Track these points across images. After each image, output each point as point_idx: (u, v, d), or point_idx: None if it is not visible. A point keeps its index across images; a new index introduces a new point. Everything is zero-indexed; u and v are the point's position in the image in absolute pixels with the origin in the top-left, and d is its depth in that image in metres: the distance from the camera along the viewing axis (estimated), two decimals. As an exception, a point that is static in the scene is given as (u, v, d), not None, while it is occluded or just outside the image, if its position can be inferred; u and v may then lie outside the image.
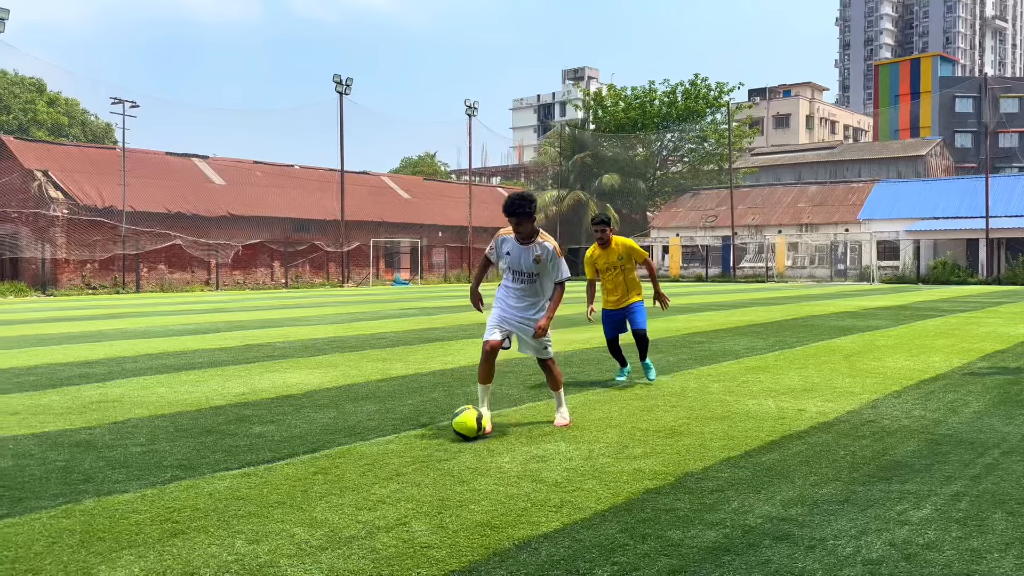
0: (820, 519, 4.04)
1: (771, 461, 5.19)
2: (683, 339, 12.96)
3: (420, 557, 3.56)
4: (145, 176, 41.52)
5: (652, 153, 63.18)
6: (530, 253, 6.11)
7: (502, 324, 6.20)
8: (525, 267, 6.15)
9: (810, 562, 3.47)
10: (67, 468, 5.14)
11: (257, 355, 11.22)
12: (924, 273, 43.76)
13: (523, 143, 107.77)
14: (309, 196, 48.08)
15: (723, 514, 4.12)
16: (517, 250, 6.15)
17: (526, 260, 6.12)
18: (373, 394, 7.91)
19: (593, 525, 3.97)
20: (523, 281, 6.20)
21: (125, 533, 3.90)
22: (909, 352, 10.94)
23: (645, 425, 6.31)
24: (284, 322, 17.52)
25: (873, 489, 4.55)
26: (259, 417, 6.77)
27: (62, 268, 37.64)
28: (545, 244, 6.14)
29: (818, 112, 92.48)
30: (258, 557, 3.57)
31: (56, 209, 37.40)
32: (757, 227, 52.37)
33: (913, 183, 52.65)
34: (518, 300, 6.22)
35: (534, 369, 9.61)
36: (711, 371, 9.30)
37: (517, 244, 6.14)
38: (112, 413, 7.00)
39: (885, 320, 16.55)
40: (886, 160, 66.43)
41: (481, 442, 5.77)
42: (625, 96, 63.19)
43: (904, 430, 6.07)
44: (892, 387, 8.03)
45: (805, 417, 6.58)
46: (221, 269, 42.43)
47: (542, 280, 6.22)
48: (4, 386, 8.60)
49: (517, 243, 6.14)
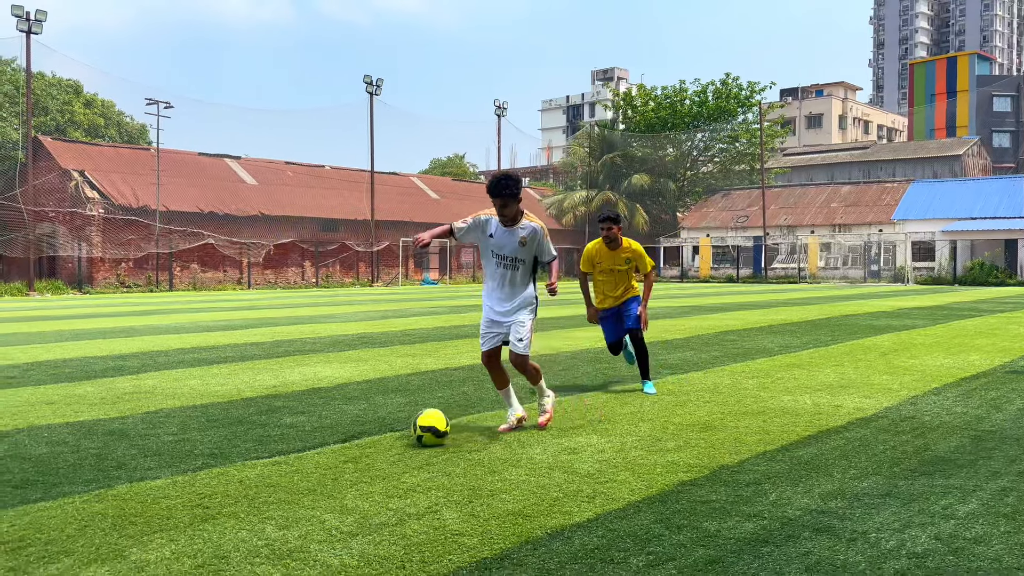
0: (861, 512, 3.92)
1: (808, 455, 5.07)
2: (715, 337, 12.81)
3: (451, 544, 3.51)
4: (178, 176, 42.04)
5: (682, 153, 62.70)
6: (515, 236, 5.74)
7: (492, 330, 5.86)
8: (509, 251, 5.76)
9: (852, 554, 3.37)
10: (100, 455, 5.16)
11: (287, 350, 11.26)
12: (960, 274, 42.97)
13: (552, 144, 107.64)
14: (339, 196, 48.39)
15: (760, 506, 4.02)
16: (502, 233, 5.76)
17: (511, 244, 5.74)
18: (403, 387, 7.88)
19: (627, 516, 3.89)
20: (506, 267, 5.79)
21: (156, 517, 3.89)
22: (948, 350, 10.70)
23: (678, 419, 6.22)
24: (314, 319, 17.60)
25: (915, 483, 4.42)
26: (289, 408, 6.77)
27: (98, 267, 38.20)
28: (532, 225, 5.78)
29: (851, 112, 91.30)
30: (288, 542, 3.53)
31: (92, 208, 37.98)
32: (789, 227, 51.79)
33: (949, 183, 51.76)
34: (500, 304, 5.83)
35: (563, 364, 9.54)
36: (744, 368, 9.16)
37: (502, 227, 5.76)
38: (144, 404, 7.04)
39: (922, 320, 16.25)
40: (921, 160, 65.38)
41: (511, 434, 5.71)
42: (655, 96, 62.77)
43: (945, 426, 5.91)
44: (931, 384, 7.85)
45: (842, 413, 6.44)
46: (253, 268, 42.83)
47: (526, 266, 5.84)
48: (40, 378, 8.70)
49: (502, 226, 5.76)
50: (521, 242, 5.74)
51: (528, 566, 3.25)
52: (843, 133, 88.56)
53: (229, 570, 3.22)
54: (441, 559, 3.33)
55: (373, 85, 46.63)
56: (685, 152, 62.88)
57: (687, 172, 63.04)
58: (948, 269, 43.99)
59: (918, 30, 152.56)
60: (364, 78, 46.34)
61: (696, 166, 63.62)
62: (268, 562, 3.30)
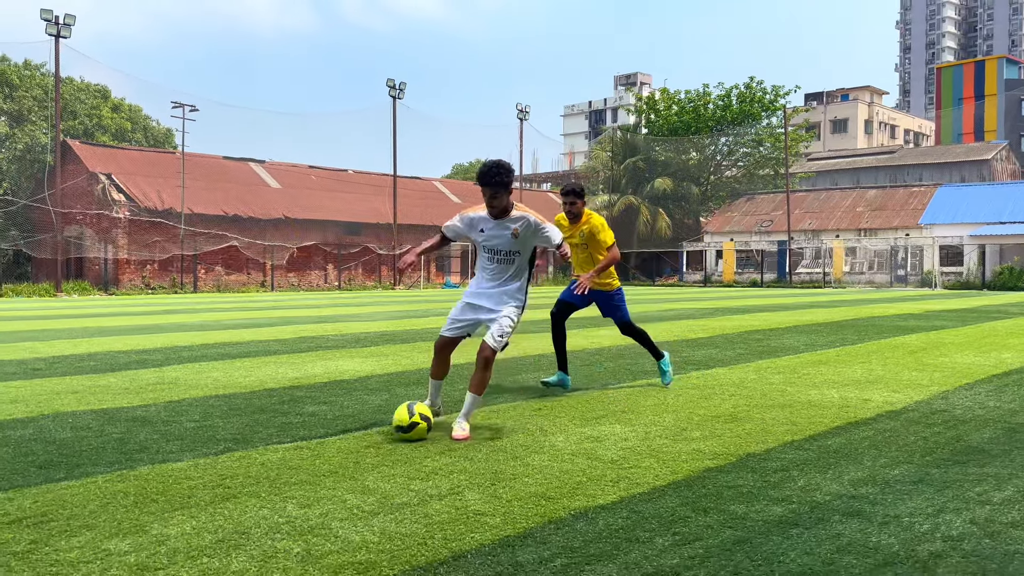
0: (893, 498, 3.83)
1: (837, 444, 4.97)
2: (739, 336, 12.68)
3: (474, 523, 3.46)
4: (203, 179, 42.42)
5: (706, 157, 62.35)
6: (507, 229, 5.39)
7: (466, 316, 5.49)
8: (503, 245, 5.42)
9: (885, 536, 3.28)
10: (123, 440, 5.17)
11: (310, 346, 11.28)
12: (989, 278, 42.35)
13: (574, 150, 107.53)
14: (362, 200, 48.61)
15: (789, 491, 3.94)
16: (492, 227, 5.42)
17: (504, 237, 5.41)
18: (424, 380, 7.82)
19: (652, 499, 3.82)
20: (500, 261, 5.46)
21: (177, 496, 3.88)
22: (979, 349, 10.51)
23: (703, 411, 6.13)
24: (336, 318, 17.64)
25: (949, 472, 4.31)
26: (312, 398, 6.76)
27: (123, 268, 38.61)
28: (524, 215, 5.43)
29: (877, 116, 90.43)
30: (309, 520, 3.50)
31: (118, 211, 38.41)
32: (814, 232, 51.32)
33: (978, 187, 51.08)
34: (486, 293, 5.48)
35: (586, 360, 9.47)
36: (770, 364, 9.04)
37: (492, 220, 5.42)
38: (167, 394, 7.06)
39: (951, 321, 15.99)
40: (949, 164, 64.60)
41: (533, 423, 5.66)
42: (678, 100, 62.51)
43: (978, 419, 5.78)
44: (962, 380, 7.69)
45: (871, 406, 6.32)
46: (276, 271, 43.09)
47: (523, 258, 5.50)
48: (66, 370, 8.76)
49: (492, 219, 5.43)
50: (514, 234, 5.39)
51: (552, 544, 3.20)
52: (869, 138, 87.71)
53: (249, 544, 3.19)
54: (463, 537, 3.28)
55: (396, 89, 46.79)
56: (708, 156, 62.52)
57: (710, 176, 62.68)
58: (977, 274, 43.37)
59: (945, 35, 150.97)
60: (387, 82, 46.50)
61: (720, 170, 63.25)
62: (289, 537, 3.27)
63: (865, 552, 3.11)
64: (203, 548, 3.15)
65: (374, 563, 3.00)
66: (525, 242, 5.45)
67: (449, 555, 3.08)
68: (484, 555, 3.08)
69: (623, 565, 2.97)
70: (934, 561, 3.02)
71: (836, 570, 2.93)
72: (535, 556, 3.07)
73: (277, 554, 3.09)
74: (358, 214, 47.37)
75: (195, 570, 2.93)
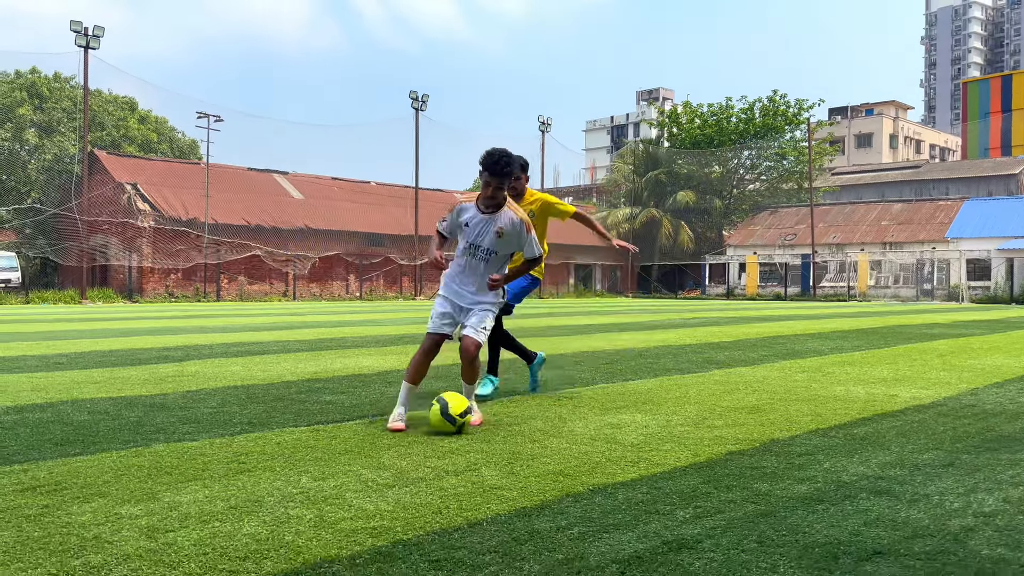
0: (922, 479, 3.72)
1: (864, 432, 4.85)
2: (763, 340, 12.52)
3: (490, 495, 3.39)
4: (227, 190, 42.78)
5: (728, 170, 62.06)
6: (492, 225, 5.01)
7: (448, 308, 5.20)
8: (485, 242, 5.03)
9: (915, 512, 3.17)
10: (140, 423, 5.15)
11: (330, 345, 11.27)
12: (1017, 292, 41.72)
13: (596, 164, 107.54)
14: (384, 211, 48.80)
15: (814, 472, 3.83)
16: (478, 220, 5.04)
17: (487, 234, 5.01)
18: (443, 375, 7.79)
19: (673, 477, 3.74)
20: (479, 258, 5.06)
21: (192, 470, 3.84)
22: (1008, 353, 10.30)
23: (725, 403, 6.02)
24: (357, 323, 17.65)
25: (979, 457, 4.19)
26: (330, 389, 6.73)
27: (147, 277, 38.96)
28: (512, 216, 5.02)
29: (902, 131, 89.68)
30: (323, 491, 3.45)
31: (143, 220, 38.81)
32: (838, 245, 50.86)
33: (1006, 200, 50.41)
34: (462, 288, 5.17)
35: (608, 358, 9.38)
36: (794, 364, 8.90)
37: (479, 213, 5.04)
38: (186, 384, 7.05)
39: (979, 330, 15.72)
40: (976, 179, 63.82)
41: (552, 410, 5.59)
42: (701, 113, 62.32)
43: (1008, 412, 5.63)
44: (992, 379, 7.52)
45: (898, 401, 6.18)
46: (298, 281, 43.31)
47: (498, 258, 5.11)
48: (87, 364, 8.80)
49: (479, 212, 5.04)
50: (498, 233, 5.00)
51: (569, 514, 3.12)
52: (894, 152, 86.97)
53: (262, 511, 3.14)
54: (479, 507, 3.21)
55: (419, 101, 47.06)
56: (731, 169, 62.22)
57: (733, 190, 62.35)
58: (1005, 288, 42.73)
59: (971, 50, 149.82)
60: (410, 94, 46.80)
61: (742, 184, 62.91)
62: (302, 506, 3.22)
63: (894, 526, 3.00)
64: (215, 514, 3.11)
65: (388, 528, 2.94)
66: (506, 244, 5.08)
67: (464, 523, 3.01)
68: (500, 523, 3.01)
69: (642, 534, 2.89)
70: (966, 534, 2.91)
71: (863, 540, 2.83)
72: (552, 525, 3.00)
73: (290, 519, 3.04)
74: (379, 225, 47.55)
75: (206, 532, 2.89)
